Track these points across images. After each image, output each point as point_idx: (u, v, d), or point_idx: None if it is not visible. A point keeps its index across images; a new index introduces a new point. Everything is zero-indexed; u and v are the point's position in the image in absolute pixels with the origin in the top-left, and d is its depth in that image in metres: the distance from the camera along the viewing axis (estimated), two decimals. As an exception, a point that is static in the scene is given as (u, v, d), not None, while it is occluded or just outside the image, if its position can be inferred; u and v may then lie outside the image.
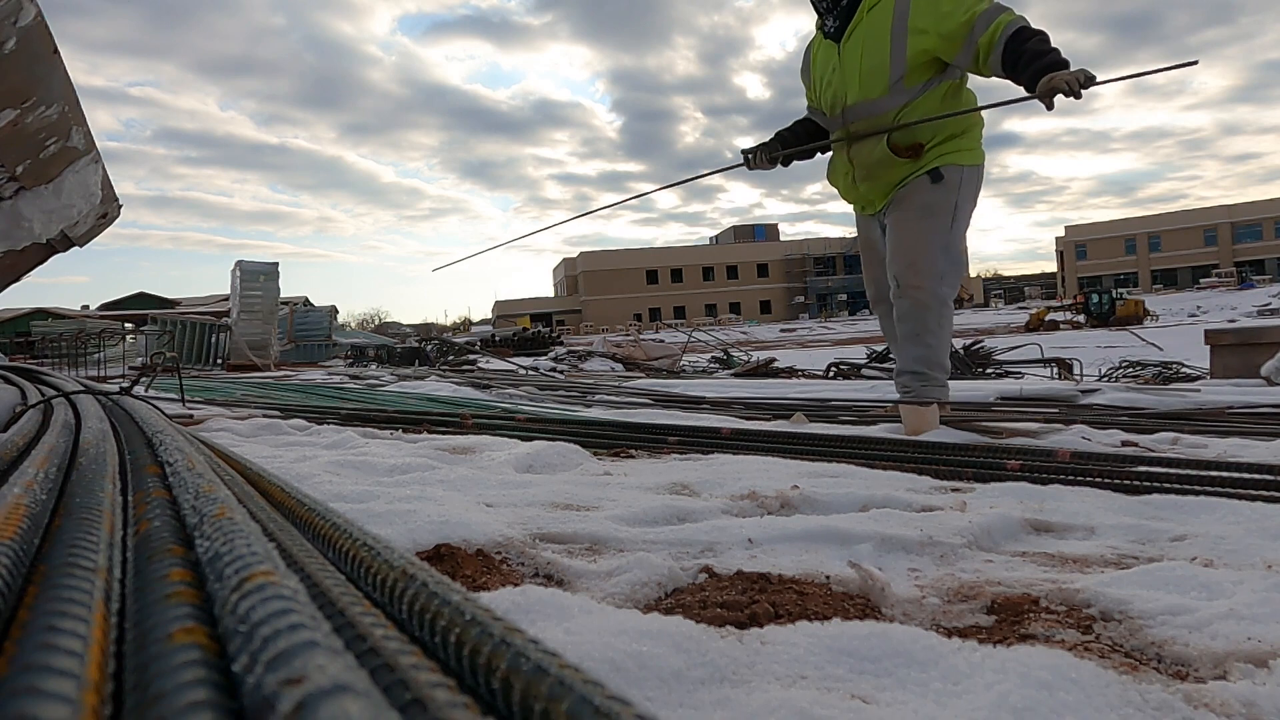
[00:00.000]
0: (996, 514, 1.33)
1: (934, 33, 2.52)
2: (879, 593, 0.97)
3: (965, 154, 2.68)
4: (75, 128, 4.39)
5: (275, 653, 0.32)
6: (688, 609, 0.91)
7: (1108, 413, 2.92)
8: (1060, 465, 1.72)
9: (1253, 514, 1.29)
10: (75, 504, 0.60)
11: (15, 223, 4.44)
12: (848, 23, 2.70)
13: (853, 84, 2.69)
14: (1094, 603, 0.92)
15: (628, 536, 1.27)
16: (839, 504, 1.49)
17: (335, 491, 1.53)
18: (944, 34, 2.51)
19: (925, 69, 2.60)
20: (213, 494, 0.61)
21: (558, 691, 0.34)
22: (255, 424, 2.88)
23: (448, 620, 0.42)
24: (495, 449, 2.22)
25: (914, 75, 2.60)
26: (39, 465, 0.74)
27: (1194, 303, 35.74)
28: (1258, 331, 5.36)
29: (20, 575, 0.44)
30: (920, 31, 2.54)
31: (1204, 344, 5.72)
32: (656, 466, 2.02)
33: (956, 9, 2.48)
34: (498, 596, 0.89)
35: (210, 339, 12.34)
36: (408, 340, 22.29)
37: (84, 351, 11.36)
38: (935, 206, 2.64)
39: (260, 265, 12.93)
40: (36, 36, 3.58)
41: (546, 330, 24.66)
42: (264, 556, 0.44)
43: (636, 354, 12.47)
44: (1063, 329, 25.87)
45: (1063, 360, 8.21)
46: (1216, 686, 0.69)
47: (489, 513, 1.38)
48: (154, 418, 1.38)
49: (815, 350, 17.30)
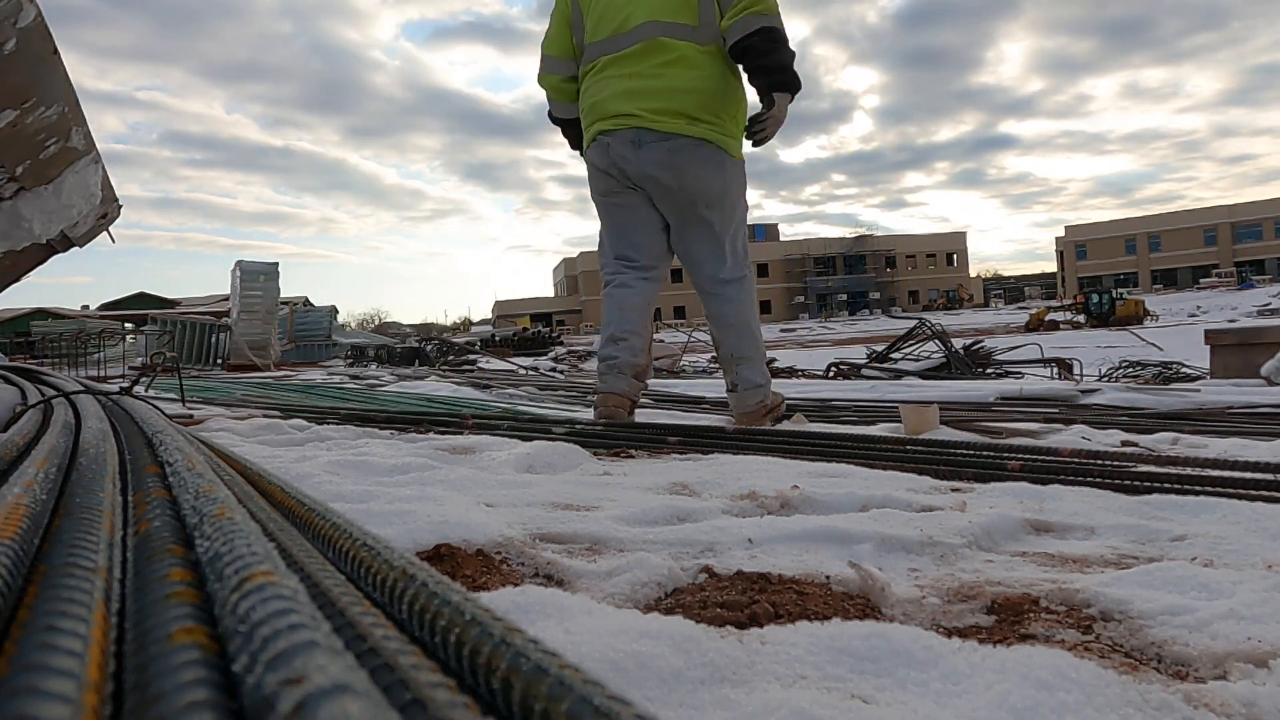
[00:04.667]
0: (996, 514, 1.33)
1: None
2: (879, 593, 0.97)
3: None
4: (75, 128, 4.39)
5: (275, 653, 0.32)
6: (688, 609, 0.91)
7: (1108, 413, 2.92)
8: (1060, 465, 1.72)
9: (1253, 514, 1.29)
10: (75, 504, 0.60)
11: (15, 223, 4.44)
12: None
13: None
14: (1094, 603, 0.92)
15: (628, 536, 1.27)
16: (839, 504, 1.49)
17: (335, 491, 1.53)
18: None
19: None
20: (213, 494, 0.61)
21: (558, 691, 0.34)
22: (255, 424, 2.88)
23: (448, 620, 0.42)
24: (495, 449, 2.22)
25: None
26: (39, 465, 0.74)
27: (1194, 303, 35.75)
28: (1258, 331, 5.36)
29: (20, 575, 0.44)
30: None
31: (1204, 344, 5.72)
32: (656, 466, 2.02)
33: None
34: (498, 596, 0.89)
35: (210, 339, 12.34)
36: (408, 340, 22.28)
37: (84, 351, 11.36)
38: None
39: (260, 265, 12.93)
40: (36, 37, 3.58)
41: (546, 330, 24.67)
42: (264, 556, 0.44)
43: (636, 354, 12.42)
44: (1063, 329, 25.87)
45: (1063, 360, 8.21)
46: (1216, 686, 0.69)
47: (489, 513, 1.38)
48: (154, 418, 1.38)
49: (815, 350, 17.30)
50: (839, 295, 67.31)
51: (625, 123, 2.71)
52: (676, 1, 2.70)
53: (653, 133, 2.69)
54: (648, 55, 2.70)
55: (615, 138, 2.73)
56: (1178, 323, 23.74)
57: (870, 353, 9.03)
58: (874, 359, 8.50)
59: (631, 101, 2.70)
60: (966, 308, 58.43)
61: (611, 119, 2.74)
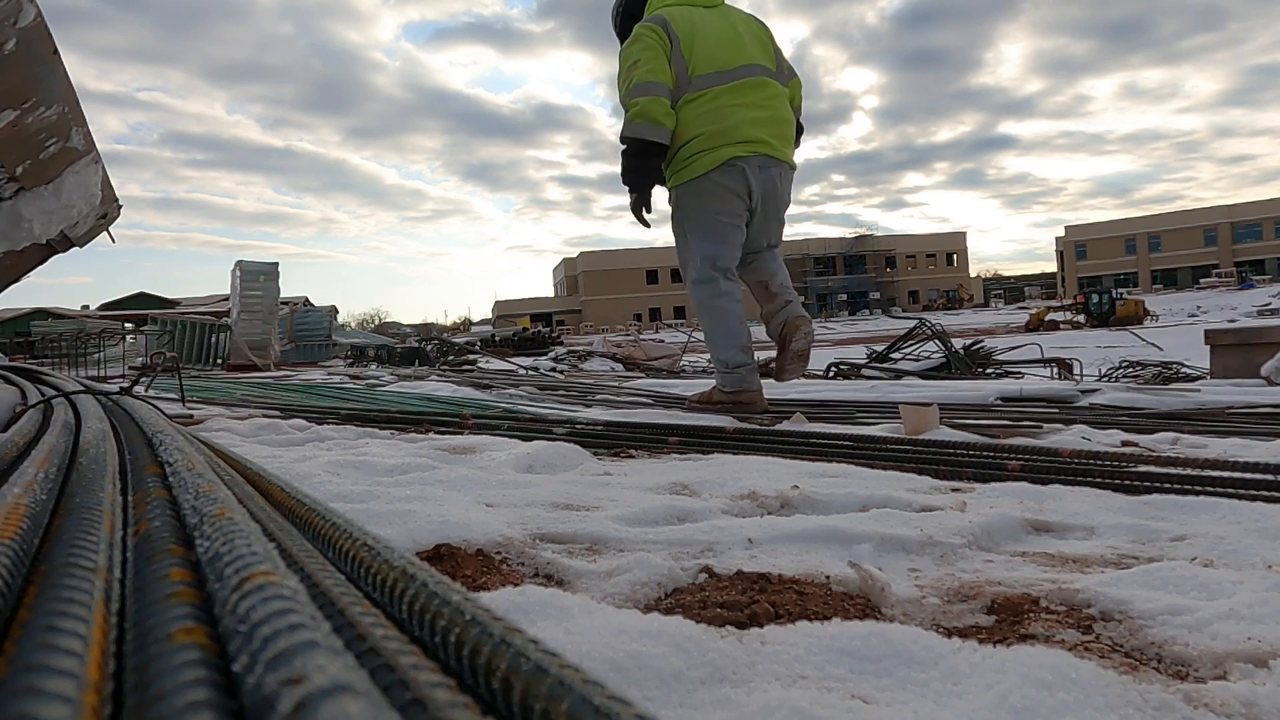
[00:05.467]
0: (996, 514, 1.33)
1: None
2: (879, 593, 0.97)
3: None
4: (75, 128, 4.39)
5: (275, 653, 0.32)
6: (688, 609, 0.91)
7: (1108, 413, 2.92)
8: (1060, 465, 1.72)
9: (1253, 514, 1.29)
10: (75, 504, 0.60)
11: (15, 223, 4.44)
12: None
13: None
14: (1094, 603, 0.92)
15: (628, 536, 1.27)
16: (839, 504, 1.49)
17: (335, 491, 1.53)
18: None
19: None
20: (213, 494, 0.61)
21: (558, 691, 0.34)
22: (255, 424, 2.88)
23: (448, 620, 0.42)
24: (495, 449, 2.22)
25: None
26: (39, 465, 0.74)
27: (1194, 303, 35.74)
28: (1258, 331, 5.36)
29: (20, 575, 0.44)
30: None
31: (1204, 344, 5.72)
32: (656, 466, 2.01)
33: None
34: (498, 596, 0.89)
35: (210, 339, 12.33)
36: (408, 340, 22.29)
37: (84, 351, 11.36)
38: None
39: (260, 265, 12.91)
40: (36, 37, 3.58)
41: (546, 330, 24.67)
42: (264, 556, 0.44)
43: (636, 354, 12.46)
44: (1063, 329, 25.87)
45: (1063, 360, 8.20)
46: (1216, 686, 0.69)
47: (489, 513, 1.38)
48: (154, 418, 1.38)
49: (815, 350, 17.25)
50: (839, 295, 67.32)
51: (757, 149, 3.14)
52: (763, 48, 3.29)
53: (775, 158, 3.20)
54: (758, 89, 3.18)
55: (749, 162, 3.15)
56: (1178, 323, 23.73)
57: (870, 353, 9.02)
58: (874, 359, 8.50)
59: (760, 129, 3.16)
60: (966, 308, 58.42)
61: (745, 144, 3.13)
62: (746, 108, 3.13)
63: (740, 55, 3.19)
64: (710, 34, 3.21)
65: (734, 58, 3.18)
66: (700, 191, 3.23)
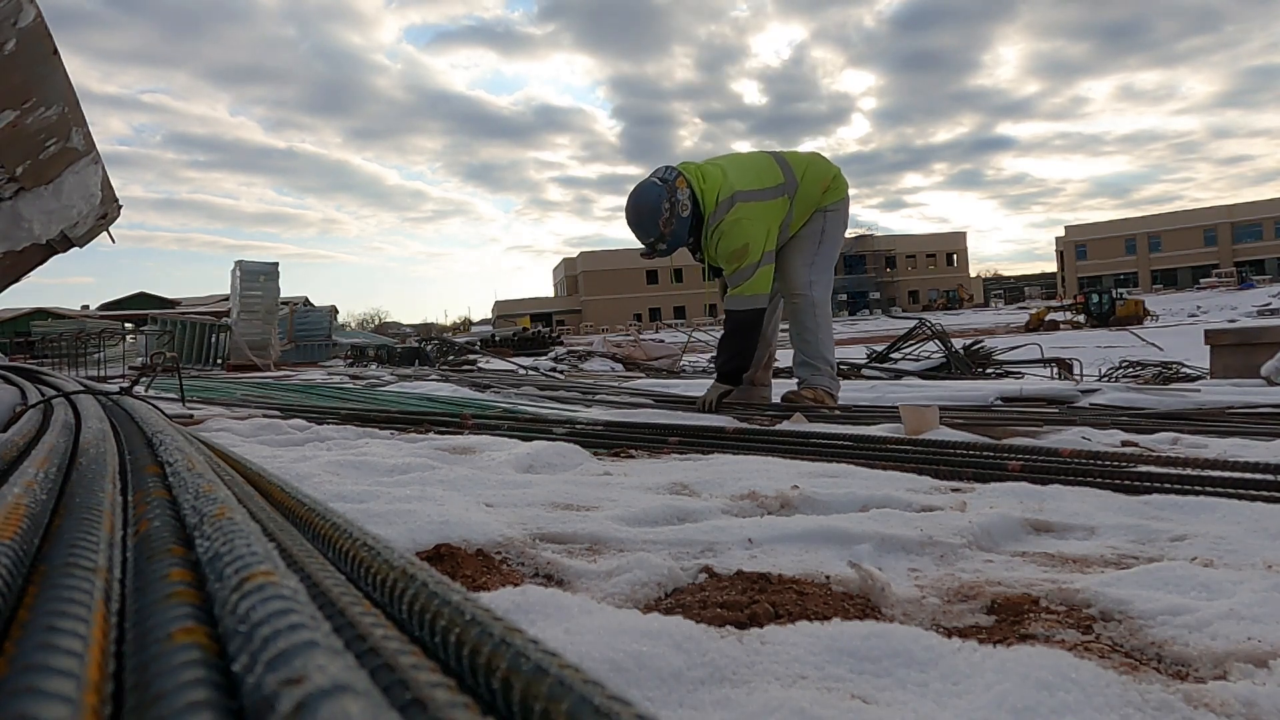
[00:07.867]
0: (996, 514, 1.33)
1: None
2: (879, 593, 0.97)
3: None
4: (75, 129, 4.39)
5: (275, 653, 0.32)
6: (688, 609, 0.91)
7: (1108, 413, 2.92)
8: (1060, 465, 1.71)
9: (1253, 514, 1.29)
10: (75, 504, 0.60)
11: (15, 223, 4.44)
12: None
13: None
14: (1094, 603, 0.92)
15: (628, 536, 1.27)
16: (839, 504, 1.48)
17: (335, 491, 1.53)
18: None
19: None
20: (213, 494, 0.61)
21: (558, 691, 0.34)
22: (255, 424, 2.88)
23: (448, 620, 0.42)
24: (495, 449, 2.22)
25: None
26: (39, 465, 0.74)
27: (1194, 303, 35.72)
28: (1258, 331, 5.36)
29: (20, 575, 0.44)
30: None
31: (1204, 344, 5.72)
32: (656, 466, 2.01)
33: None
34: (498, 596, 0.89)
35: (210, 339, 12.34)
36: (408, 340, 22.28)
37: (84, 351, 11.36)
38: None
39: (260, 265, 12.91)
40: (36, 37, 3.58)
41: (546, 330, 24.68)
42: (264, 556, 0.44)
43: (636, 354, 12.46)
44: (1063, 329, 25.86)
45: (1063, 360, 8.21)
46: (1216, 686, 0.69)
47: (489, 513, 1.38)
48: (154, 418, 1.38)
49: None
50: (839, 295, 67.27)
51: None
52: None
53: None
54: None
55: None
56: (1178, 323, 23.71)
57: (870, 353, 9.02)
58: (874, 359, 8.50)
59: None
60: (966, 308, 58.39)
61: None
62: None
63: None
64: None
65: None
66: (845, 224, 3.80)
